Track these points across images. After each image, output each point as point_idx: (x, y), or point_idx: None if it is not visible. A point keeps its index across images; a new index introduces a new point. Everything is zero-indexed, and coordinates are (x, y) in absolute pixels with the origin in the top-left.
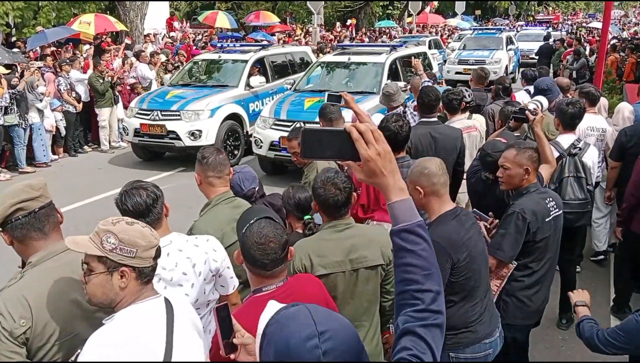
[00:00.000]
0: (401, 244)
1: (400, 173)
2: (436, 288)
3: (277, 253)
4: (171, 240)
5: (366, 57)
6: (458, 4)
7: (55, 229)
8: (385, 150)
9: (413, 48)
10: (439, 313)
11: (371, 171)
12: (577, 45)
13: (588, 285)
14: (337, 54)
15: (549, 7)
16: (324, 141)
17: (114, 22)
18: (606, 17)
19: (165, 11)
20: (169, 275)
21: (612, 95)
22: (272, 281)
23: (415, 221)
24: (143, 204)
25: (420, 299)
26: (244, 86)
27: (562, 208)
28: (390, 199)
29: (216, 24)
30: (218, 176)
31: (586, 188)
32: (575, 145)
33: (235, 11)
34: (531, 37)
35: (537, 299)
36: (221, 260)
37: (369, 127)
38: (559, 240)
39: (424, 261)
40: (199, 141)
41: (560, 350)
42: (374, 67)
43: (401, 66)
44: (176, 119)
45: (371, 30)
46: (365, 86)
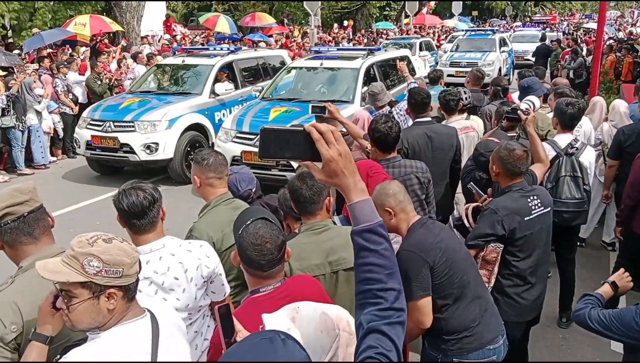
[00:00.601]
0: (363, 244)
1: (359, 174)
2: (398, 286)
3: (273, 254)
4: (164, 243)
5: (340, 62)
6: (455, 4)
7: (46, 233)
8: (346, 151)
9: (393, 52)
10: (401, 310)
11: (332, 172)
12: (574, 45)
13: (586, 283)
14: (309, 58)
15: (545, 8)
16: (283, 141)
17: (109, 23)
18: (601, 17)
19: (162, 13)
20: (160, 279)
21: (609, 95)
22: (269, 282)
23: (377, 221)
24: (139, 206)
25: (384, 298)
26: (209, 94)
27: (552, 206)
28: (352, 200)
29: (216, 27)
30: (219, 177)
31: (583, 187)
32: (572, 145)
33: (233, 13)
34: (526, 38)
35: (528, 296)
36: (213, 267)
37: (329, 128)
38: (548, 237)
39: (386, 260)
40: (155, 155)
41: (561, 349)
42: (348, 73)
43: (379, 72)
44: (130, 130)
45: (369, 31)
46: (339, 93)
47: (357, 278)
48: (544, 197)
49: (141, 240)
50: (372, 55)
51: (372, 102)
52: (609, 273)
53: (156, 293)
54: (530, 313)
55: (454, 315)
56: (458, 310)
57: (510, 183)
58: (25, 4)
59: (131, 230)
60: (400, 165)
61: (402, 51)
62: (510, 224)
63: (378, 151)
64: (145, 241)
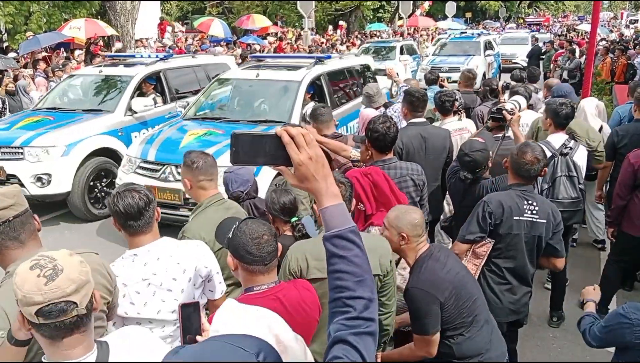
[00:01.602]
0: (333, 250)
1: (333, 178)
2: (368, 295)
3: (272, 245)
4: (161, 245)
5: (280, 73)
6: (448, 6)
7: (33, 237)
8: (318, 154)
9: (349, 60)
10: (370, 320)
11: (303, 176)
12: (568, 46)
13: (577, 282)
14: (246, 68)
15: (539, 9)
16: (255, 146)
17: (104, 27)
18: (595, 18)
19: (157, 16)
20: (158, 280)
21: (601, 96)
22: (263, 281)
23: (348, 227)
24: (135, 207)
25: (352, 306)
26: (124, 111)
27: (552, 221)
28: (323, 205)
29: (210, 31)
30: (209, 179)
31: (578, 186)
32: (566, 145)
33: (227, 15)
34: (515, 40)
35: (507, 296)
36: (211, 266)
37: (300, 131)
38: (535, 248)
39: (356, 267)
40: (48, 189)
41: (552, 348)
42: (287, 87)
43: (328, 84)
44: (18, 158)
45: (362, 33)
46: (274, 112)
47: (329, 286)
48: (543, 206)
49: (138, 242)
50: (321, 64)
51: (367, 103)
52: (600, 272)
53: (154, 294)
54: (509, 315)
55: (465, 342)
56: (472, 337)
57: (514, 181)
58: (20, 7)
59: (128, 231)
60: (396, 166)
61: (361, 59)
62: (496, 218)
63: (375, 152)
64: (142, 242)
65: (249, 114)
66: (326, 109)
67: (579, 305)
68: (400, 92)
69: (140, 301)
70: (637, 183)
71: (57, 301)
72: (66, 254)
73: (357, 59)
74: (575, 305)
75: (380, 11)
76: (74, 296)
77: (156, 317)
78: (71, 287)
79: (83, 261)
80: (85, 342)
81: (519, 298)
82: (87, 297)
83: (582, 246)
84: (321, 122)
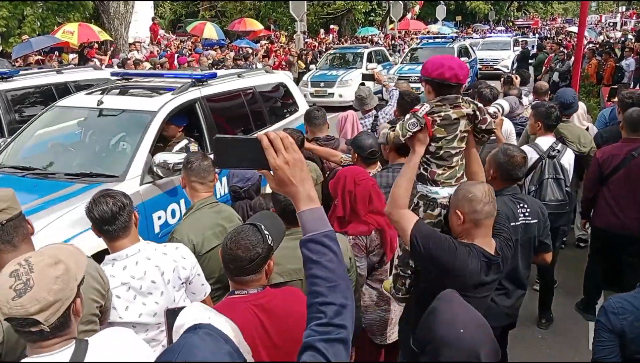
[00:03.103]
0: (308, 254)
1: (312, 182)
2: (340, 301)
3: (242, 262)
4: (140, 248)
5: (132, 100)
6: (439, 10)
7: (25, 240)
8: (296, 158)
9: (254, 78)
10: (341, 327)
11: (280, 180)
12: (557, 48)
13: (565, 283)
14: (90, 92)
15: (528, 12)
16: (237, 150)
17: (97, 32)
18: (582, 19)
19: (150, 19)
20: (138, 283)
21: (589, 98)
22: (243, 288)
23: (323, 231)
24: (109, 212)
25: (324, 312)
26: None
27: (541, 218)
28: (299, 209)
29: (204, 34)
30: (201, 182)
31: (565, 189)
32: (554, 147)
33: (220, 19)
34: (499, 45)
35: (503, 301)
36: (190, 268)
37: (279, 135)
38: (530, 249)
39: (329, 272)
40: None
41: (541, 349)
42: (135, 121)
43: (208, 114)
44: None
45: (353, 37)
46: (103, 163)
47: (307, 291)
48: (533, 206)
49: (117, 246)
50: (200, 86)
51: (359, 106)
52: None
53: (135, 298)
54: (505, 319)
55: None
56: None
57: (502, 187)
58: (13, 11)
59: (105, 237)
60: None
61: (274, 76)
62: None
63: (395, 155)
64: (121, 247)
65: (67, 164)
66: (320, 113)
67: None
68: (390, 96)
69: (122, 306)
70: (602, 177)
71: (19, 317)
72: (49, 264)
73: (265, 77)
74: (563, 306)
75: (371, 15)
76: (38, 316)
77: (138, 321)
78: (35, 307)
79: (61, 275)
80: (60, 342)
81: (513, 303)
82: (57, 313)
83: (570, 247)
84: (314, 126)
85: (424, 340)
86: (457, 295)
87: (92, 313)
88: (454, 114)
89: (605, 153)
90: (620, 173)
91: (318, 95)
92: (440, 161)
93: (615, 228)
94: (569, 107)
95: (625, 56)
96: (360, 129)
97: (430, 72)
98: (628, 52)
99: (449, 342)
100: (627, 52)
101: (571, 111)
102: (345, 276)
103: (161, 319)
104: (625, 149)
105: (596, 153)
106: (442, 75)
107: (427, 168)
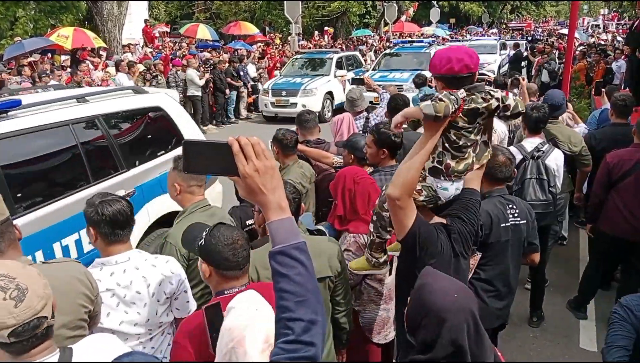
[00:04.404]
0: (276, 267)
1: (283, 191)
2: (309, 316)
3: (246, 250)
4: (130, 256)
5: None
6: (433, 12)
7: (12, 245)
8: (267, 166)
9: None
10: (310, 345)
11: (250, 188)
12: (549, 50)
13: (556, 282)
14: None
15: (521, 15)
16: (207, 155)
17: (92, 38)
18: (572, 21)
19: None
20: (122, 292)
21: (580, 100)
22: (234, 285)
23: (292, 243)
24: (124, 214)
25: (291, 328)
26: None
27: (529, 219)
28: (269, 219)
29: (197, 35)
30: (199, 185)
31: (548, 189)
32: (538, 148)
33: (214, 21)
34: (485, 48)
35: (495, 303)
36: (177, 284)
37: (250, 141)
38: (520, 250)
39: (297, 287)
40: None
41: (532, 348)
42: None
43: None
44: None
45: (348, 39)
46: None
47: (275, 305)
48: (521, 207)
49: (111, 251)
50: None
51: (350, 108)
52: (578, 271)
53: (117, 306)
54: (496, 320)
55: None
56: None
57: (491, 188)
58: (5, 12)
59: (108, 239)
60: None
61: (139, 100)
62: (486, 229)
63: (388, 157)
64: (115, 252)
65: None
66: (311, 115)
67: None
68: (381, 99)
69: (103, 312)
70: (611, 181)
71: (29, 320)
72: (20, 266)
73: (128, 101)
74: (554, 304)
75: (366, 17)
76: (44, 311)
77: (118, 329)
78: (40, 303)
79: (39, 272)
80: (48, 348)
81: (505, 305)
82: (52, 307)
83: (561, 247)
84: (305, 128)
85: (418, 315)
86: (436, 270)
87: (80, 319)
88: (482, 106)
89: (616, 158)
90: (631, 178)
91: (279, 105)
92: (457, 151)
93: (626, 234)
94: (558, 108)
95: (616, 57)
96: (356, 130)
97: (439, 68)
98: (619, 54)
99: (449, 308)
100: (618, 54)
101: (560, 112)
102: (316, 290)
103: (142, 330)
104: (637, 155)
105: (606, 157)
106: (451, 69)
107: (441, 161)
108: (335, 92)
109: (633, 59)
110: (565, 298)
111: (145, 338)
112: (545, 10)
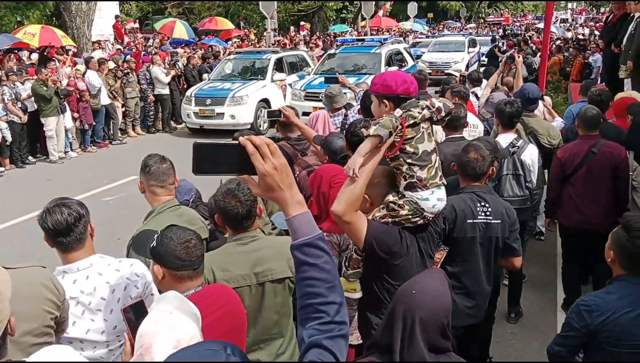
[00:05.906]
0: (303, 258)
1: (297, 186)
2: (339, 299)
3: (200, 249)
4: (92, 262)
5: None
6: (410, 7)
7: None
8: (282, 163)
9: None
10: (343, 324)
11: (268, 186)
12: (523, 45)
13: (534, 277)
14: None
15: (499, 9)
16: (217, 156)
17: (60, 36)
18: (548, 16)
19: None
20: (87, 299)
21: (557, 94)
22: (189, 286)
23: (316, 235)
24: (63, 223)
25: (325, 312)
26: None
27: (506, 220)
28: (289, 214)
29: (174, 34)
30: (161, 186)
31: (525, 185)
32: (513, 144)
33: (187, 16)
34: (452, 46)
35: (462, 300)
36: (143, 287)
37: (264, 141)
38: (491, 250)
39: (326, 274)
40: None
41: (510, 344)
42: None
43: None
44: None
45: (325, 34)
46: None
47: (298, 293)
48: (497, 208)
49: (70, 258)
50: None
51: (329, 104)
52: (556, 266)
53: (83, 314)
54: (465, 319)
55: None
56: None
57: (466, 184)
58: None
59: (58, 248)
60: None
61: None
62: (449, 223)
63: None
64: (74, 259)
65: None
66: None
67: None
68: (358, 97)
69: (69, 321)
70: (566, 175)
71: None
72: None
73: None
74: (531, 300)
75: (343, 12)
76: None
77: (85, 337)
78: None
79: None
80: None
81: (474, 305)
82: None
83: (538, 242)
84: (286, 125)
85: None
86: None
87: (46, 325)
88: (419, 118)
89: (567, 152)
90: (583, 170)
91: (204, 115)
92: (420, 161)
93: (581, 225)
94: (533, 102)
95: (592, 51)
96: (332, 128)
97: (394, 89)
98: (595, 48)
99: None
100: (594, 48)
101: (535, 106)
102: (338, 275)
103: (110, 337)
104: (585, 147)
105: (557, 153)
106: (407, 90)
107: (413, 175)
108: (273, 99)
109: (607, 52)
110: (543, 294)
111: (114, 345)
112: (522, 5)
